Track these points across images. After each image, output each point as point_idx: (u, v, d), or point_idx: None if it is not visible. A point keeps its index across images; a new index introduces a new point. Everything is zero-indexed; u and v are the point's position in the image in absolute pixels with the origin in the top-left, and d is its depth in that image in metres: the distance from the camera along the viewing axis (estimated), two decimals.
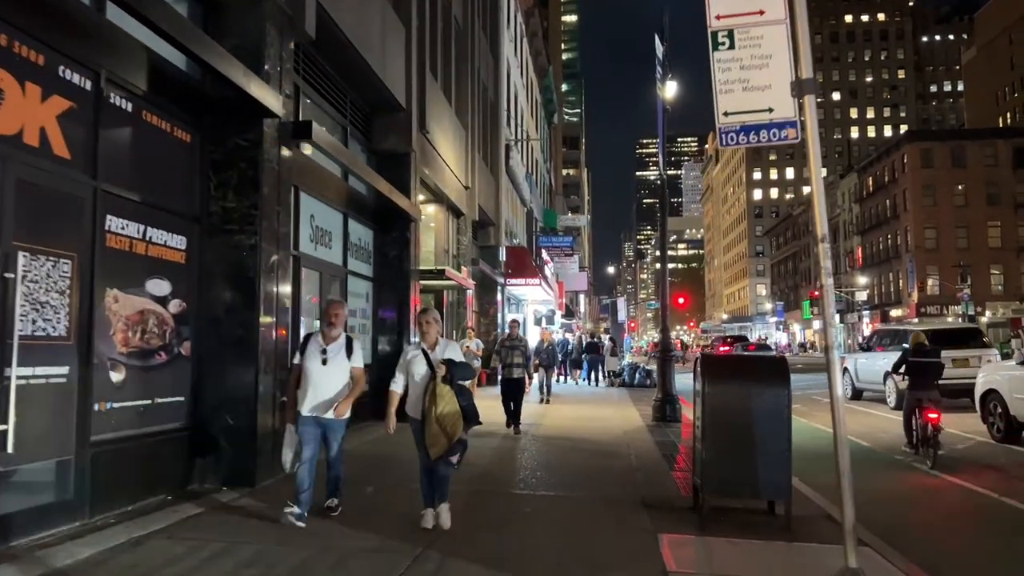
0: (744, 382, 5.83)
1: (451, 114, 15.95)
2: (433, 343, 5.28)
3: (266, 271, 6.85)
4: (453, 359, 5.14)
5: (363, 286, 11.44)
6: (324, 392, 5.45)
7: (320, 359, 5.48)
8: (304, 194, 9.07)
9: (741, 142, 3.96)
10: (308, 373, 5.46)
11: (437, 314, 5.44)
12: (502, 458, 8.63)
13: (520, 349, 11.16)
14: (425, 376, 5.16)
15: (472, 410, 5.17)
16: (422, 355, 5.24)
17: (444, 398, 5.03)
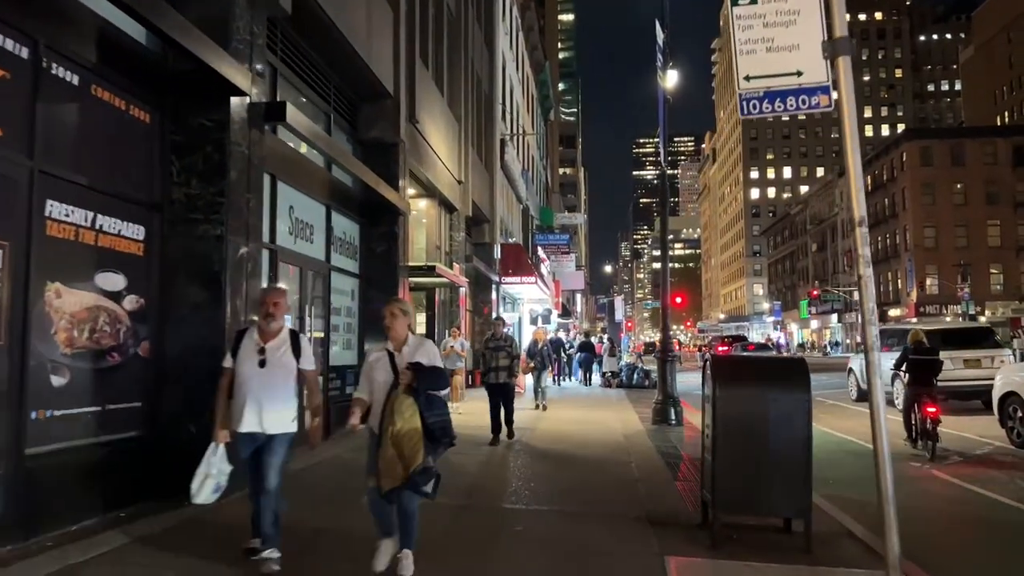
0: (759, 386, 5.25)
1: (443, 105, 15.37)
2: (401, 342, 4.29)
3: (234, 264, 6.26)
4: (422, 363, 4.12)
5: (349, 283, 10.84)
6: (264, 402, 4.34)
7: (257, 360, 4.36)
8: (282, 184, 8.48)
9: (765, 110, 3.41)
10: (243, 379, 4.37)
11: (407, 304, 4.46)
12: (492, 468, 8.05)
13: (506, 350, 9.99)
14: (386, 384, 4.15)
15: (442, 428, 4.10)
16: (386, 357, 4.24)
17: (404, 414, 3.97)
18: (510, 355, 10.03)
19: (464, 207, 17.08)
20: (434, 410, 4.05)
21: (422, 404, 3.99)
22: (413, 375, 4.01)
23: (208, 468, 4.32)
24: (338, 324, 10.39)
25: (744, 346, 33.73)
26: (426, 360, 4.18)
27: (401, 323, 4.31)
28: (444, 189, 15.17)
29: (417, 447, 3.97)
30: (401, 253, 11.49)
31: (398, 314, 4.32)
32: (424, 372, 4.06)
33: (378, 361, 4.31)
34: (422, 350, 4.26)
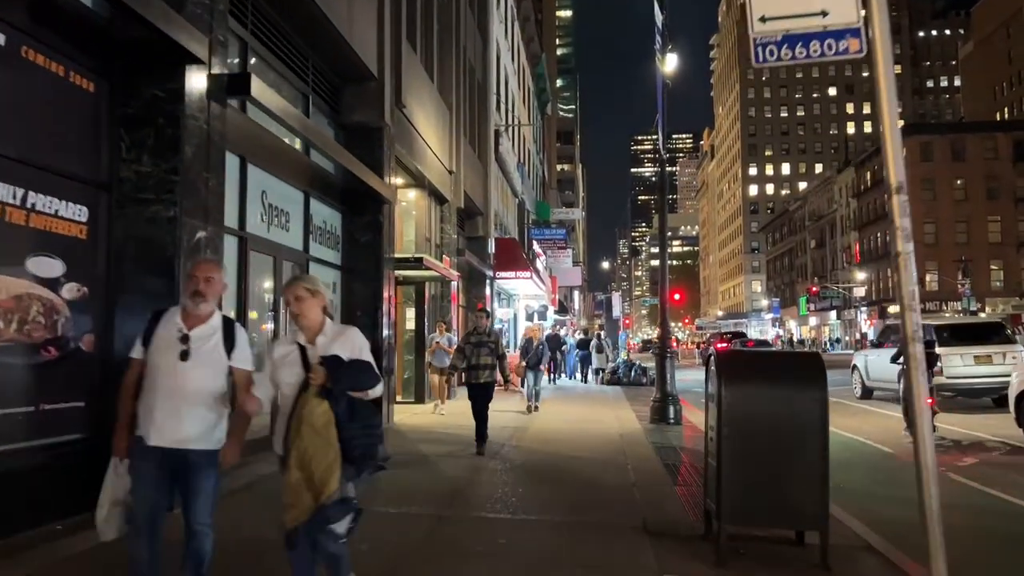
0: (771, 384, 4.70)
1: (433, 91, 14.78)
2: (315, 331, 3.29)
3: (190, 249, 5.68)
4: (340, 356, 3.15)
5: (329, 275, 10.26)
6: (183, 407, 3.29)
7: (178, 351, 3.31)
8: (253, 167, 7.90)
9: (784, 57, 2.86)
10: (157, 375, 3.31)
11: (316, 281, 3.43)
12: (477, 473, 7.48)
13: (489, 346, 8.83)
14: (295, 387, 3.18)
15: (365, 446, 3.13)
16: (297, 352, 3.24)
17: (315, 424, 3.03)
18: (493, 352, 8.84)
19: (456, 198, 16.49)
20: (357, 420, 3.08)
21: (340, 411, 3.04)
22: (327, 372, 3.05)
23: (114, 493, 3.32)
24: None
25: (743, 343, 33.20)
26: (347, 353, 3.21)
27: (311, 306, 3.29)
28: (434, 179, 14.59)
29: (331, 470, 3.01)
30: (386, 244, 10.91)
31: (305, 296, 3.28)
32: (343, 368, 3.09)
33: (285, 357, 3.26)
34: (343, 340, 3.29)
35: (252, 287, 7.83)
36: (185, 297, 3.47)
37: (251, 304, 7.81)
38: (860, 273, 63.74)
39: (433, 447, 8.85)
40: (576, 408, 14.43)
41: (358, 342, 3.37)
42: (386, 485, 6.64)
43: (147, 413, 3.32)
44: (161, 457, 3.29)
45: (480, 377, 8.84)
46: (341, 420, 3.04)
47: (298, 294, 3.28)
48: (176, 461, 3.30)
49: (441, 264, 14.13)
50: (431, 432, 10.29)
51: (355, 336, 3.40)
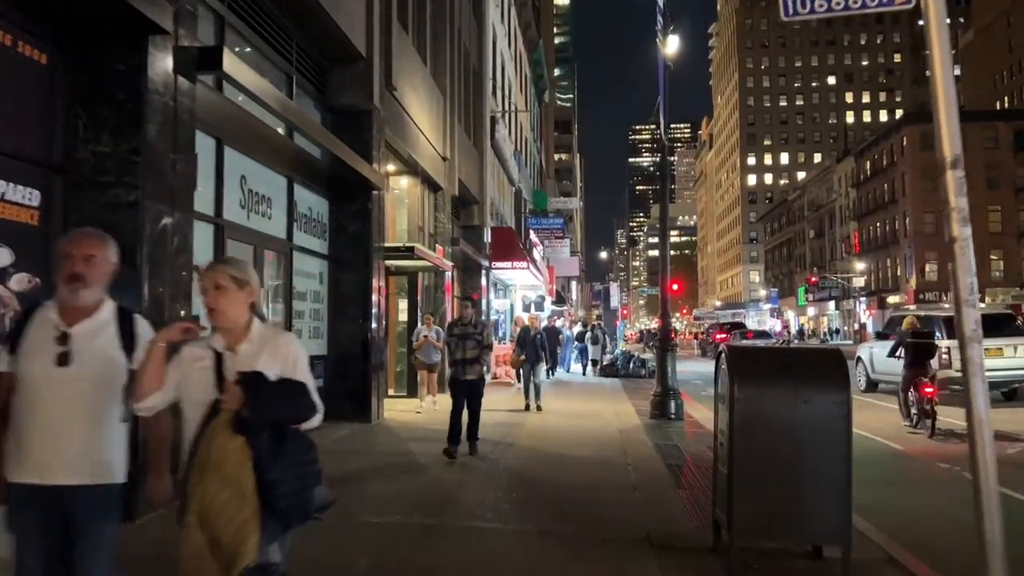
0: (788, 383, 4.27)
1: (426, 75, 14.28)
2: (238, 336, 2.41)
3: (154, 237, 5.23)
4: (263, 374, 2.27)
5: (315, 265, 9.81)
6: (65, 429, 2.46)
7: (54, 354, 2.48)
8: (231, 150, 7.44)
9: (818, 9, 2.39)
10: (29, 389, 2.48)
11: (246, 269, 2.49)
12: (469, 476, 7.06)
13: (474, 338, 8.01)
14: (204, 408, 2.31)
15: (298, 494, 2.28)
16: (211, 360, 2.37)
17: (224, 467, 2.22)
18: (479, 344, 8.02)
19: (450, 186, 16.02)
20: (284, 460, 2.23)
21: (261, 449, 2.20)
22: (243, 394, 2.18)
23: None
24: (303, 310, 9.38)
25: (743, 333, 32.82)
26: (277, 367, 2.33)
27: (235, 301, 2.38)
28: (427, 166, 14.11)
29: (245, 530, 2.18)
30: (376, 232, 10.46)
31: (228, 286, 2.37)
32: (267, 390, 2.23)
33: (195, 364, 2.37)
34: (272, 349, 2.39)
35: None
36: (60, 284, 2.54)
37: None
38: (859, 263, 63.35)
39: (423, 446, 8.43)
40: (573, 402, 14.02)
41: (292, 353, 2.43)
42: (371, 489, 6.24)
43: (19, 442, 2.46)
44: (45, 501, 2.42)
45: (467, 373, 7.97)
46: (262, 461, 2.19)
47: (219, 282, 2.37)
48: (63, 504, 2.44)
49: (434, 254, 13.67)
50: (422, 429, 9.86)
51: (289, 345, 2.46)
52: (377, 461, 7.59)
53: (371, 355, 10.12)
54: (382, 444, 8.67)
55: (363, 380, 10.05)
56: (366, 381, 10.05)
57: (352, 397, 9.99)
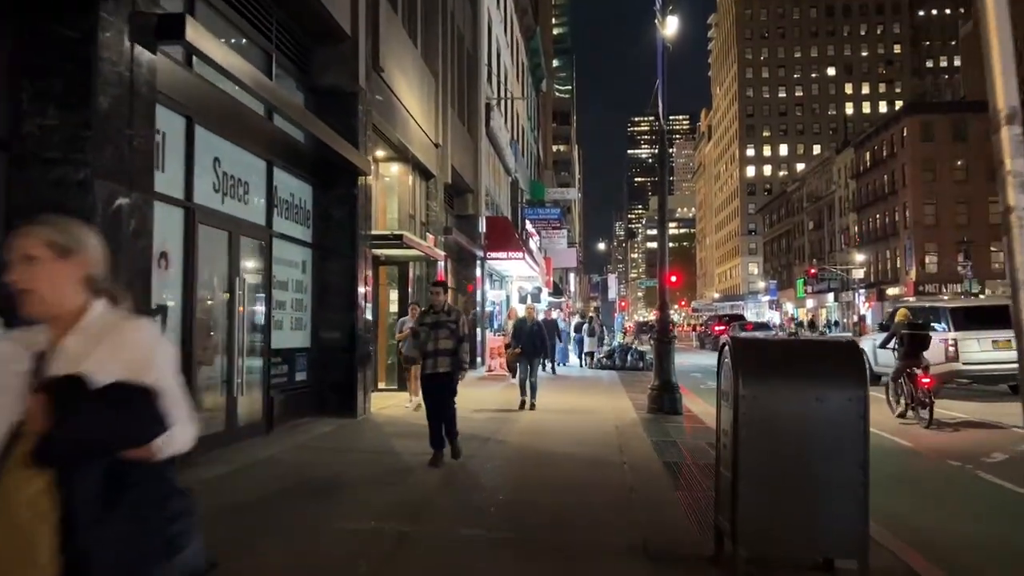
0: (799, 380, 3.87)
1: (416, 58, 13.81)
2: (64, 324, 1.63)
3: (107, 219, 4.81)
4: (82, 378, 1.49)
5: (298, 253, 9.38)
6: None
7: None
8: (204, 130, 7.00)
9: None
10: None
11: (71, 233, 1.68)
12: (454, 475, 6.65)
13: (449, 327, 7.01)
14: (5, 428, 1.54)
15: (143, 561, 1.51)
16: (24, 361, 1.60)
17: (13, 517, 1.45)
18: (454, 335, 7.02)
19: (443, 173, 15.57)
20: (115, 515, 1.49)
21: (78, 494, 1.47)
22: (47, 409, 1.44)
23: None
24: (284, 300, 8.95)
25: (742, 325, 32.45)
26: (117, 369, 1.56)
27: (51, 276, 1.61)
28: (418, 152, 13.66)
29: None
30: (362, 219, 10.02)
31: (42, 255, 1.61)
32: (84, 402, 1.47)
33: (7, 368, 1.60)
34: (114, 343, 1.62)
35: (201, 266, 6.95)
36: None
37: (199, 286, 6.94)
38: (859, 255, 62.96)
39: (409, 443, 8.02)
40: (569, 396, 13.62)
41: (142, 349, 1.64)
42: (348, 491, 5.83)
43: None
44: None
45: (439, 365, 6.98)
46: (76, 514, 1.45)
47: (30, 251, 1.61)
48: None
49: (425, 242, 13.24)
50: (409, 425, 9.45)
51: (138, 337, 1.67)
52: (358, 460, 7.19)
53: (357, 347, 9.72)
54: (366, 441, 8.27)
55: (349, 373, 9.65)
56: (352, 374, 9.65)
57: (337, 391, 9.59)
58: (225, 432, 7.34)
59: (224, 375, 7.38)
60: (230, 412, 7.44)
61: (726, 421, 4.08)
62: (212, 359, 7.24)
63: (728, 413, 4.02)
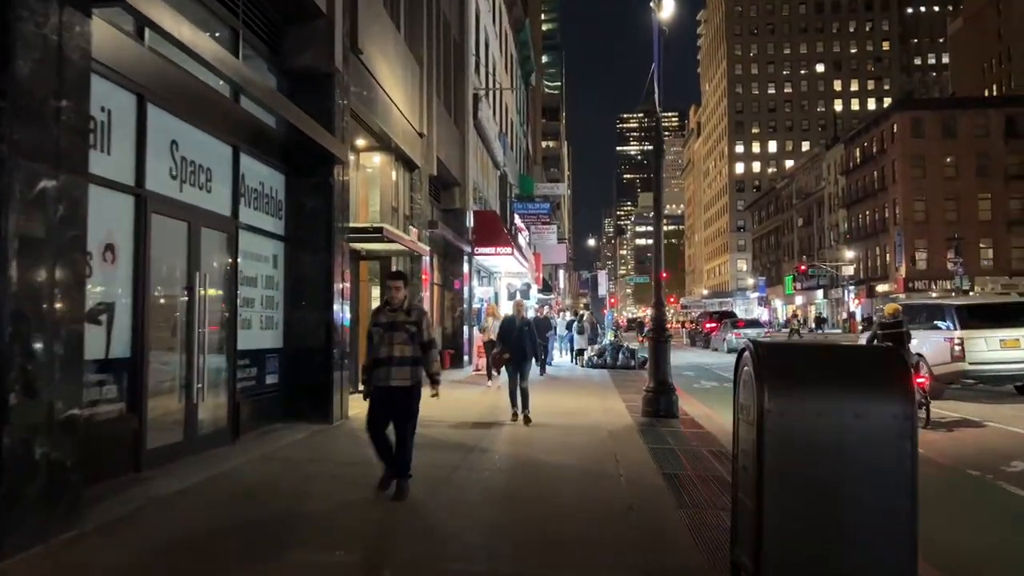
0: (834, 392, 3.29)
1: (400, 43, 13.14)
2: None
3: (27, 203, 4.15)
4: None
5: (268, 246, 8.72)
6: None
7: None
8: (158, 109, 6.34)
9: None
10: None
11: None
12: (432, 491, 6.04)
13: (407, 330, 5.63)
14: None
15: None
16: None
17: None
18: (414, 340, 5.63)
19: (427, 165, 14.92)
20: None
21: None
22: None
23: None
24: (253, 297, 8.29)
25: (734, 322, 32.01)
26: None
27: None
28: (401, 141, 13.00)
29: None
30: (339, 210, 9.37)
31: None
32: None
33: None
34: None
35: (155, 259, 6.29)
36: None
37: (153, 280, 6.28)
38: (848, 251, 62.80)
39: None
40: (559, 397, 13.03)
41: None
42: (312, 512, 5.21)
43: None
44: None
45: (395, 377, 5.57)
46: None
47: None
48: None
49: (408, 236, 12.58)
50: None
51: None
52: (329, 472, 6.57)
53: (333, 347, 9.08)
54: (340, 450, 7.64)
55: (324, 375, 9.01)
56: (328, 377, 9.01)
57: (311, 395, 8.95)
58: (183, 442, 6.69)
59: (182, 379, 6.72)
60: (189, 420, 6.79)
61: (746, 440, 3.50)
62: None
63: (749, 431, 3.43)
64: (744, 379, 3.56)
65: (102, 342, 5.67)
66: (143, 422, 6.05)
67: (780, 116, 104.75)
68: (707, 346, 34.89)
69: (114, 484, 5.55)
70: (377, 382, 5.67)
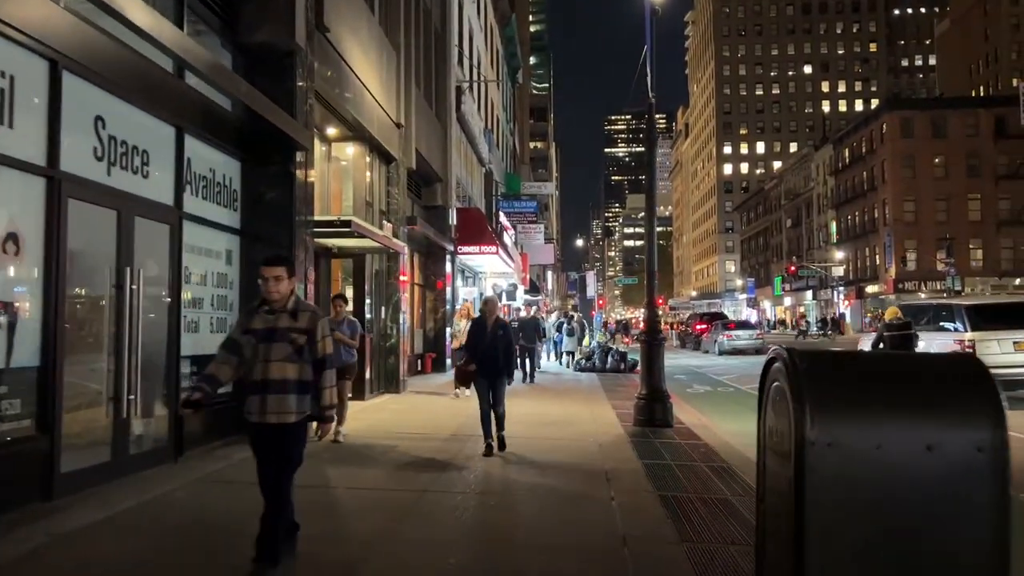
0: (899, 417, 2.48)
1: (373, 25, 12.30)
2: None
3: None
4: None
5: (221, 240, 7.85)
6: None
7: None
8: (76, 79, 5.48)
9: None
10: None
11: None
12: (394, 519, 5.20)
13: (291, 339, 3.94)
14: None
15: None
16: None
17: None
18: (303, 354, 3.96)
19: (405, 157, 14.07)
20: None
21: None
22: None
23: None
24: (201, 297, 7.42)
25: (725, 324, 31.31)
26: None
27: None
28: (376, 132, 12.16)
29: None
30: (301, 202, 8.52)
31: None
32: None
33: None
34: None
35: (74, 251, 5.43)
36: None
37: (71, 277, 5.41)
38: (838, 252, 62.43)
39: (345, 471, 6.59)
40: (545, 404, 12.21)
41: None
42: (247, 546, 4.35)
43: None
44: None
45: (271, 410, 3.90)
46: None
47: None
48: None
49: (380, 231, 11.72)
50: (351, 446, 8.01)
51: None
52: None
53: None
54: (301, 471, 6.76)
55: None
56: None
57: None
58: (111, 464, 5.82)
59: (110, 391, 5.85)
60: (118, 437, 5.92)
61: (777, 476, 2.69)
62: None
63: (782, 466, 2.63)
64: (774, 397, 2.76)
65: (1, 348, 4.80)
66: (55, 441, 5.18)
67: (768, 117, 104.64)
68: (697, 348, 34.18)
69: (14, 518, 4.68)
70: (248, 416, 3.96)
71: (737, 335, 29.38)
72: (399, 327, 13.43)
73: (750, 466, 7.08)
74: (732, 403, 13.00)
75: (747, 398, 13.78)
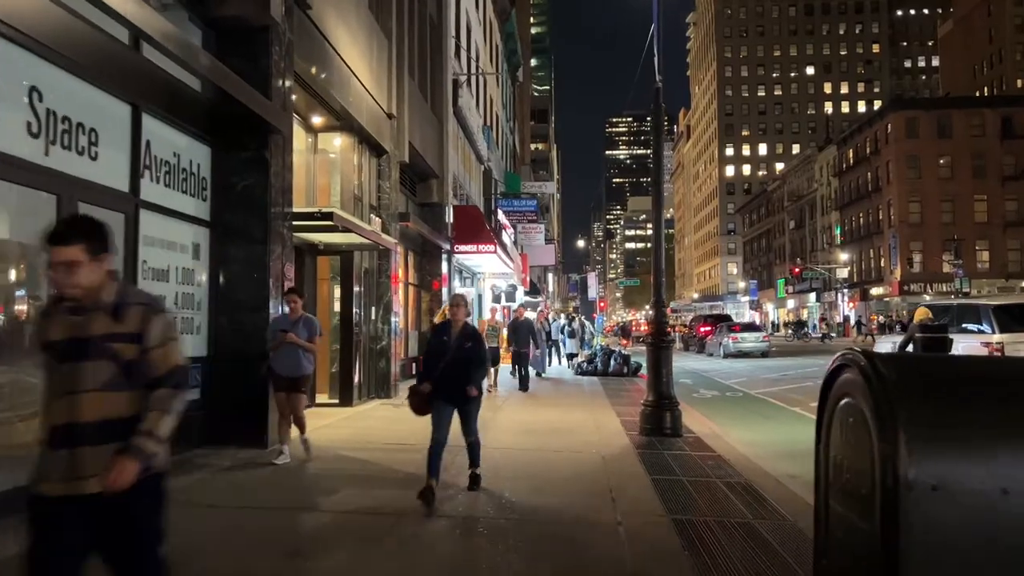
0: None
1: (363, 7, 11.60)
2: None
3: None
4: None
5: (187, 233, 7.14)
6: None
7: None
8: (4, 41, 4.77)
9: None
10: None
11: None
12: (371, 546, 4.49)
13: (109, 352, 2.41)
14: None
15: None
16: None
17: None
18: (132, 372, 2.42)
19: (398, 150, 13.36)
20: None
21: None
22: None
23: None
24: (162, 295, 6.69)
25: (730, 326, 30.55)
26: None
27: None
28: (366, 122, 11.46)
29: None
30: (277, 192, 7.81)
31: None
32: None
33: None
34: None
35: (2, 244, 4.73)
36: None
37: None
38: (842, 254, 61.69)
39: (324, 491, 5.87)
40: (544, 410, 11.49)
41: None
42: None
43: None
44: None
45: (80, 468, 2.36)
46: None
47: None
48: None
49: (367, 226, 11.01)
50: (338, 457, 7.30)
51: None
52: (239, 524, 5.00)
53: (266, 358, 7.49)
54: (265, 488, 6.05)
55: (259, 390, 7.43)
56: (263, 392, 7.42)
57: (242, 413, 7.39)
58: None
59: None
60: None
61: (848, 528, 1.98)
62: None
63: (858, 516, 1.90)
64: (844, 418, 2.04)
65: None
66: None
67: (770, 118, 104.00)
68: (702, 351, 33.44)
69: None
70: (36, 486, 2.41)
71: (743, 337, 28.60)
72: (391, 328, 12.71)
73: (769, 481, 6.36)
74: (742, 409, 12.29)
75: (758, 404, 13.06)
